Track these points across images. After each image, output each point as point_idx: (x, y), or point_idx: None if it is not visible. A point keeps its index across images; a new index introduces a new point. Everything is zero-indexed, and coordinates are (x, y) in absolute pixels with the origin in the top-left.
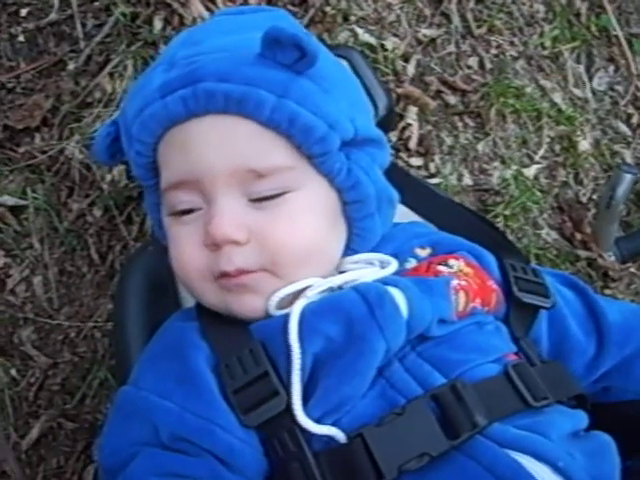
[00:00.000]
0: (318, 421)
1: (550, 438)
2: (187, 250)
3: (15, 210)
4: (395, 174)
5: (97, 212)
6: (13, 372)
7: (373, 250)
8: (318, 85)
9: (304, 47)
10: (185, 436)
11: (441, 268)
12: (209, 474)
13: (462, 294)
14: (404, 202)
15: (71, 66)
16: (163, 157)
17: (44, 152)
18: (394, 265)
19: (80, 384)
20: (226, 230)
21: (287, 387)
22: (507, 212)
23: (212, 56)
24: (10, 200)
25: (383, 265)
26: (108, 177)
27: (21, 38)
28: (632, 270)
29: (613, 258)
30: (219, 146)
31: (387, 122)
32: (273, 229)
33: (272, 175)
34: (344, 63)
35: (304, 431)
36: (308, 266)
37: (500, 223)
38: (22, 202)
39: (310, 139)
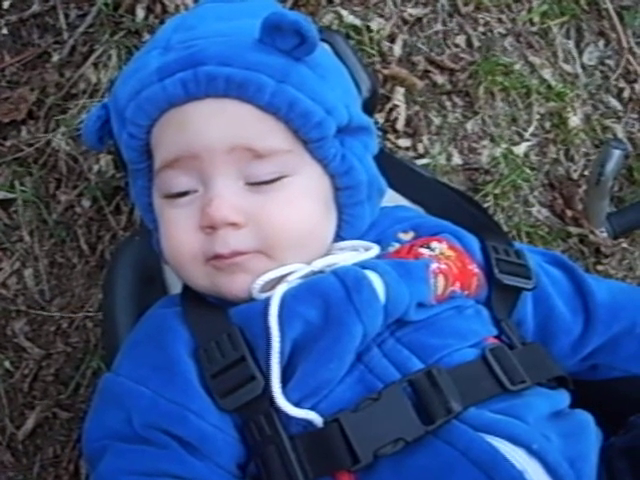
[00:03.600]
0: (296, 404)
1: (526, 421)
2: (181, 233)
3: (4, 203)
4: (379, 156)
5: (85, 203)
6: (7, 364)
7: (358, 237)
8: (314, 72)
9: (304, 34)
10: (157, 422)
11: (422, 251)
12: (176, 465)
13: (441, 278)
14: (389, 185)
15: (55, 57)
16: (158, 138)
17: (31, 145)
18: (375, 249)
19: (74, 374)
20: (225, 212)
21: (266, 371)
22: (497, 191)
23: (210, 40)
24: None
25: (367, 251)
26: (95, 168)
27: (4, 31)
28: (624, 245)
29: (605, 234)
30: (218, 125)
31: (370, 105)
32: (270, 213)
33: (270, 157)
34: (326, 47)
35: (281, 415)
36: (302, 250)
37: (490, 202)
38: (10, 195)
39: (308, 124)
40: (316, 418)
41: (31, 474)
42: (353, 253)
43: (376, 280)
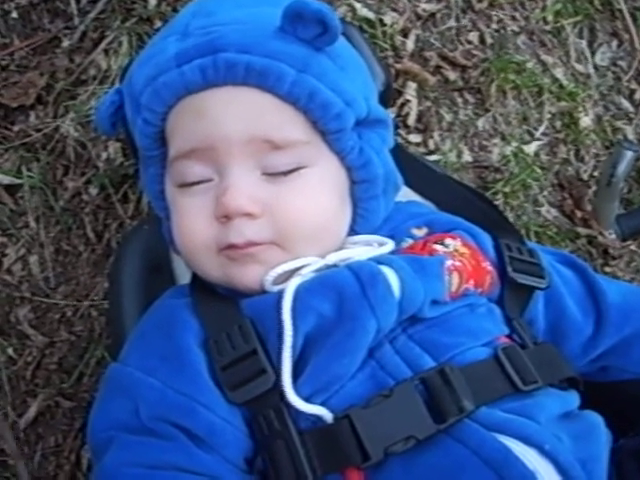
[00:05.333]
0: (307, 400)
1: (538, 421)
2: (194, 222)
3: (10, 189)
4: (394, 151)
5: (93, 190)
6: (10, 351)
7: (372, 232)
8: (335, 63)
9: (327, 23)
10: (165, 414)
11: (437, 247)
12: (183, 458)
13: (456, 275)
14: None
15: (65, 43)
16: (174, 125)
17: (39, 130)
18: (390, 245)
19: (77, 363)
20: (241, 202)
21: (277, 365)
22: (507, 189)
23: (230, 27)
24: (5, 179)
25: (381, 246)
26: (104, 155)
27: (14, 14)
28: (632, 248)
29: (613, 236)
30: (236, 115)
31: (385, 99)
32: (286, 204)
33: (288, 148)
34: (342, 37)
35: (291, 409)
36: (317, 242)
37: (500, 200)
38: (17, 181)
39: (327, 115)
40: (326, 414)
41: (32, 463)
42: (367, 248)
43: (391, 275)
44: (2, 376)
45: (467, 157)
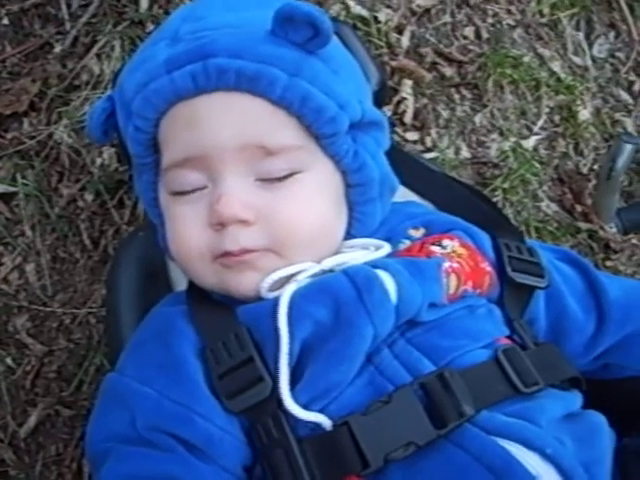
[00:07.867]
0: (305, 407)
1: (539, 424)
2: (188, 230)
3: (5, 197)
4: (390, 151)
5: (88, 197)
6: (9, 361)
7: (369, 235)
8: (327, 65)
9: (318, 26)
10: (161, 424)
11: (434, 248)
12: (181, 469)
13: (453, 277)
14: (399, 180)
15: (57, 48)
16: (167, 133)
17: (33, 137)
18: (386, 248)
19: (76, 371)
20: (235, 209)
21: (274, 372)
22: (506, 185)
23: (221, 32)
24: (0, 187)
25: (378, 250)
26: (98, 161)
27: (5, 21)
28: (634, 242)
29: (614, 230)
30: (228, 122)
31: (380, 98)
32: (281, 210)
33: (281, 154)
34: (334, 39)
35: (289, 417)
36: (313, 248)
37: (499, 196)
38: (12, 189)
39: (321, 119)
40: (325, 421)
41: (33, 472)
42: (364, 252)
43: (388, 280)
44: (1, 386)
45: (465, 153)
